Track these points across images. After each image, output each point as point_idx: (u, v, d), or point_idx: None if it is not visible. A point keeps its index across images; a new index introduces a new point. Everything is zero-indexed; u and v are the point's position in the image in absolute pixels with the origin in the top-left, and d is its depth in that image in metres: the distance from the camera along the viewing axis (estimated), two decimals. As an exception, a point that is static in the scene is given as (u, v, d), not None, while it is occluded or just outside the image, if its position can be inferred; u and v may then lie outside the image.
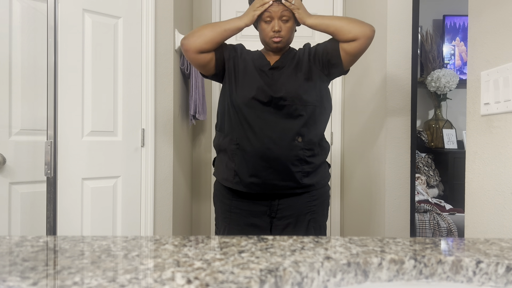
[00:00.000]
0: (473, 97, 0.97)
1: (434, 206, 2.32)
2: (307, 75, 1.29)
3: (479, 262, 0.44)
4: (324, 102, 1.31)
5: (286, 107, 1.22)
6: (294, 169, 1.22)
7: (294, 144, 1.22)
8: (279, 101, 1.22)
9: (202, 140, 2.61)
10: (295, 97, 1.22)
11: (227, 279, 0.36)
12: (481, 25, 0.93)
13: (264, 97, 1.22)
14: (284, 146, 1.22)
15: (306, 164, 1.25)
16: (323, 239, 0.51)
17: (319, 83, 1.30)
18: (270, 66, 1.29)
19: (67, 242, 0.48)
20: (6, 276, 0.36)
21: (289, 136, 1.22)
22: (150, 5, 1.82)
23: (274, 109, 1.23)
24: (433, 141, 2.74)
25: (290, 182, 1.24)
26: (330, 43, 1.32)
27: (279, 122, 1.22)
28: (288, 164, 1.21)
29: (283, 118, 1.23)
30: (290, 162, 1.21)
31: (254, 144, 1.21)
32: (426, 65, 2.79)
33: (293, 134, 1.23)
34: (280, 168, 1.22)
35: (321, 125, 1.31)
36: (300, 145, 1.23)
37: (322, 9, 2.61)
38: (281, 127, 1.22)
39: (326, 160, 1.37)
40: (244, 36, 2.60)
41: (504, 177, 0.84)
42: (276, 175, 1.22)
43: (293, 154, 1.22)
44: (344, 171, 2.63)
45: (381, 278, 0.44)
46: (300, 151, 1.22)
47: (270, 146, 1.21)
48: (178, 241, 0.49)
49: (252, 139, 1.22)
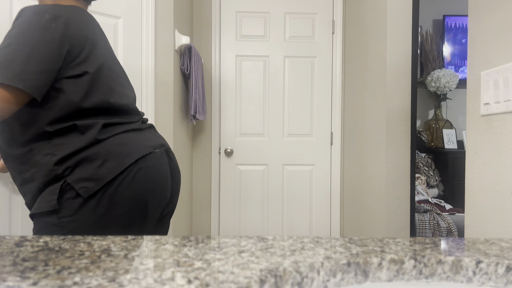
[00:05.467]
0: (473, 97, 0.97)
1: (434, 206, 2.32)
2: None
3: (479, 262, 0.44)
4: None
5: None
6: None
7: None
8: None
9: (202, 140, 2.61)
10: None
11: (227, 279, 0.36)
12: (481, 25, 0.93)
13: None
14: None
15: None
16: (323, 239, 0.51)
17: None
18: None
19: (67, 242, 0.48)
20: (6, 276, 0.36)
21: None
22: (150, 5, 1.82)
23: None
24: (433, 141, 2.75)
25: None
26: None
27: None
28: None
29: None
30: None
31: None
32: (426, 65, 2.79)
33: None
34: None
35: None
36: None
37: (322, 9, 2.61)
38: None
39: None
40: (244, 36, 2.60)
41: (504, 177, 0.84)
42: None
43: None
44: (344, 171, 2.63)
45: (381, 278, 0.44)
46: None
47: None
48: (178, 241, 0.49)
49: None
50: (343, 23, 2.62)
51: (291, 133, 2.63)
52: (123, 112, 0.99)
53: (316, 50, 2.62)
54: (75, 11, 0.95)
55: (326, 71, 2.63)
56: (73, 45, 0.88)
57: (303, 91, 2.63)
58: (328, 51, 2.63)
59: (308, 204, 2.65)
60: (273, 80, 2.61)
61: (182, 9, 2.18)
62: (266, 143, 2.62)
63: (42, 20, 0.85)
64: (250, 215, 2.62)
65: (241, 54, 2.59)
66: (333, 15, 2.62)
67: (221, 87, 2.61)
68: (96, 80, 0.92)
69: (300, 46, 2.62)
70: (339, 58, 2.62)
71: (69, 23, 0.89)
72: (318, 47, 2.62)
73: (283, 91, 2.62)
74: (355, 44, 2.37)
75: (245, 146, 2.61)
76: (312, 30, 2.62)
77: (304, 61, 2.63)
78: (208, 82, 2.61)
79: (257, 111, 2.61)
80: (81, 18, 0.95)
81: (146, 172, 0.92)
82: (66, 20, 0.89)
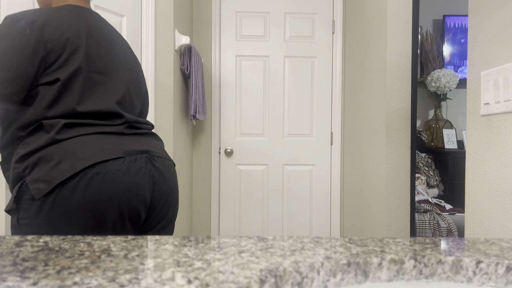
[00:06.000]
0: (473, 97, 0.96)
1: (434, 206, 2.32)
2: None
3: (479, 262, 0.44)
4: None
5: None
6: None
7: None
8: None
9: (202, 140, 2.61)
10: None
11: (227, 279, 0.36)
12: (481, 25, 0.93)
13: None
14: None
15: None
16: (323, 239, 0.51)
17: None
18: None
19: (67, 242, 0.48)
20: (6, 276, 0.36)
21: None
22: (150, 5, 1.82)
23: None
24: (433, 141, 2.75)
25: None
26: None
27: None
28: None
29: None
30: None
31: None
32: (426, 65, 2.79)
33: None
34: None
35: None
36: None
37: (322, 9, 2.61)
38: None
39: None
40: (244, 36, 2.60)
41: (504, 177, 0.84)
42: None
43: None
44: (344, 171, 2.63)
45: (381, 278, 0.44)
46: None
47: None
48: (178, 241, 0.49)
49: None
50: (343, 23, 2.62)
51: (291, 133, 2.63)
52: (98, 115, 0.91)
53: (316, 50, 2.62)
54: (60, 12, 0.91)
55: (326, 71, 2.63)
56: (49, 51, 0.85)
57: (303, 91, 2.63)
58: (328, 51, 2.63)
59: (308, 204, 2.65)
60: (273, 80, 2.61)
61: (182, 9, 2.18)
62: (266, 143, 2.62)
63: (16, 27, 0.83)
64: (250, 215, 2.62)
65: (241, 54, 2.59)
66: (333, 15, 2.62)
67: (221, 87, 2.61)
68: (66, 87, 0.87)
69: (300, 46, 2.62)
70: (339, 58, 2.62)
71: (44, 28, 0.86)
72: (318, 47, 2.62)
73: (283, 91, 2.62)
74: (355, 44, 2.37)
75: (245, 146, 2.61)
76: (312, 30, 2.62)
77: (304, 61, 2.63)
78: (208, 82, 2.61)
79: (257, 111, 2.61)
80: (64, 20, 0.90)
81: (103, 178, 0.83)
82: (42, 24, 0.86)
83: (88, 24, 0.95)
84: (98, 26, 0.97)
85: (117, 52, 1.00)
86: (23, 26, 0.85)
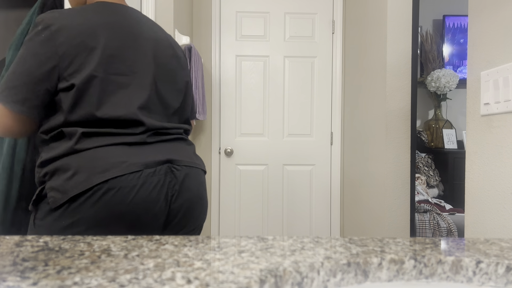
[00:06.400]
0: (473, 97, 0.96)
1: (434, 206, 2.32)
2: None
3: (479, 262, 0.44)
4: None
5: None
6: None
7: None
8: None
9: (202, 140, 2.61)
10: None
11: (227, 279, 0.36)
12: (481, 25, 0.93)
13: None
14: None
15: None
16: (323, 239, 0.51)
17: None
18: None
19: (67, 242, 0.48)
20: (6, 276, 0.36)
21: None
22: (150, 6, 1.82)
23: None
24: (433, 141, 2.74)
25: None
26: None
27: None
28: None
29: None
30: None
31: None
32: (426, 65, 2.79)
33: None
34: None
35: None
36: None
37: (322, 9, 2.61)
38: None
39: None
40: (244, 36, 2.60)
41: (504, 177, 0.84)
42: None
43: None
44: (344, 171, 2.63)
45: (381, 278, 0.44)
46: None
47: None
48: (178, 241, 0.49)
49: None
50: (343, 23, 2.62)
51: (291, 133, 2.63)
52: (118, 122, 0.88)
53: (316, 50, 2.62)
54: (82, 12, 0.89)
55: (326, 71, 2.63)
56: (61, 56, 0.84)
57: (303, 91, 2.63)
58: (328, 51, 2.63)
59: (308, 204, 2.65)
60: (273, 80, 2.61)
61: (182, 9, 2.18)
62: (266, 143, 2.62)
63: (34, 32, 0.84)
64: (250, 215, 2.62)
65: (241, 54, 2.59)
66: (333, 15, 2.62)
67: (221, 87, 2.61)
68: (83, 92, 0.85)
69: (300, 46, 2.62)
70: (339, 58, 2.62)
71: (58, 33, 0.85)
72: (318, 47, 2.62)
73: (283, 91, 2.62)
74: (355, 44, 2.37)
75: (245, 146, 2.61)
76: (312, 30, 2.62)
77: (304, 61, 2.63)
78: (208, 82, 2.61)
79: (257, 111, 2.61)
80: (82, 21, 0.87)
81: (115, 195, 0.81)
82: (57, 29, 0.85)
83: (112, 22, 0.91)
84: (124, 23, 0.93)
85: (145, 49, 0.94)
86: (40, 31, 0.85)
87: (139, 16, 0.98)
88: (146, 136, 0.91)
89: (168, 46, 1.02)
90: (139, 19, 0.97)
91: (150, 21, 1.02)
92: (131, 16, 0.95)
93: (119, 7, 0.95)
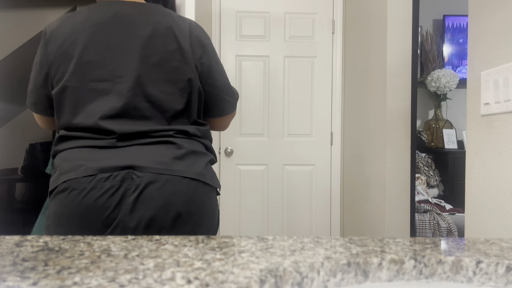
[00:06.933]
0: (473, 97, 0.97)
1: (434, 206, 2.32)
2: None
3: (479, 262, 0.44)
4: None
5: None
6: None
7: None
8: None
9: (202, 140, 2.61)
10: None
11: (227, 279, 0.36)
12: (481, 25, 0.93)
13: None
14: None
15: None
16: (323, 239, 0.51)
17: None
18: None
19: (67, 242, 0.48)
20: (6, 276, 0.36)
21: None
22: (150, 5, 1.82)
23: None
24: (433, 141, 2.74)
25: None
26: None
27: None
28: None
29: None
30: None
31: None
32: (426, 65, 2.78)
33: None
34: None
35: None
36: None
37: (322, 9, 2.61)
38: None
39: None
40: (244, 36, 2.60)
41: (504, 177, 0.84)
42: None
43: None
44: (344, 171, 2.63)
45: (381, 278, 0.44)
46: None
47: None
48: (178, 241, 0.49)
49: None
50: (343, 23, 2.62)
51: (291, 133, 2.63)
52: (90, 130, 0.89)
53: (316, 50, 2.62)
54: (73, 16, 0.91)
55: (326, 71, 2.63)
56: (50, 64, 0.90)
57: (303, 91, 2.63)
58: (328, 51, 2.63)
59: (308, 204, 2.65)
60: (273, 80, 2.61)
61: (182, 9, 2.18)
62: (266, 143, 2.62)
63: (40, 36, 0.96)
64: (250, 215, 2.62)
65: (241, 54, 2.59)
66: (333, 15, 2.62)
67: (221, 87, 2.61)
68: (58, 101, 0.91)
69: (300, 46, 2.62)
70: (339, 58, 2.62)
71: (49, 41, 0.90)
72: (318, 47, 2.62)
73: (283, 91, 2.62)
74: (355, 44, 2.37)
75: (245, 146, 2.61)
76: (312, 30, 2.62)
77: (304, 61, 2.63)
78: (208, 82, 2.60)
79: (257, 111, 2.61)
80: (70, 28, 0.88)
81: (67, 196, 0.83)
82: (49, 37, 0.90)
83: (98, 24, 0.88)
84: (113, 23, 0.89)
85: (135, 50, 0.89)
86: (41, 38, 0.93)
87: (137, 11, 0.92)
88: (116, 141, 0.88)
89: (170, 40, 0.91)
90: (135, 15, 0.91)
91: (152, 13, 0.93)
92: (125, 13, 0.90)
93: (114, 4, 0.91)
